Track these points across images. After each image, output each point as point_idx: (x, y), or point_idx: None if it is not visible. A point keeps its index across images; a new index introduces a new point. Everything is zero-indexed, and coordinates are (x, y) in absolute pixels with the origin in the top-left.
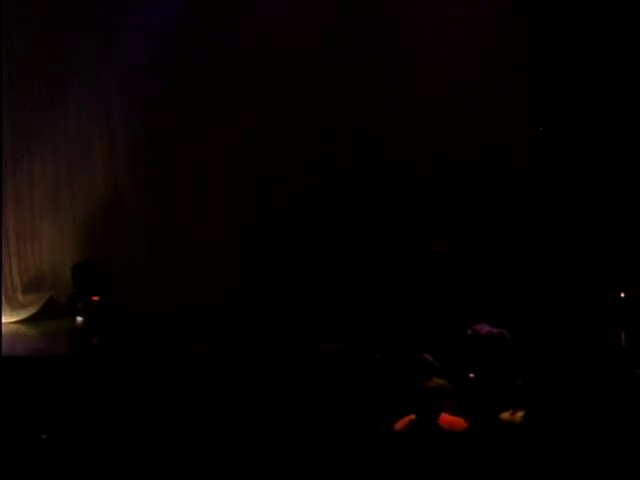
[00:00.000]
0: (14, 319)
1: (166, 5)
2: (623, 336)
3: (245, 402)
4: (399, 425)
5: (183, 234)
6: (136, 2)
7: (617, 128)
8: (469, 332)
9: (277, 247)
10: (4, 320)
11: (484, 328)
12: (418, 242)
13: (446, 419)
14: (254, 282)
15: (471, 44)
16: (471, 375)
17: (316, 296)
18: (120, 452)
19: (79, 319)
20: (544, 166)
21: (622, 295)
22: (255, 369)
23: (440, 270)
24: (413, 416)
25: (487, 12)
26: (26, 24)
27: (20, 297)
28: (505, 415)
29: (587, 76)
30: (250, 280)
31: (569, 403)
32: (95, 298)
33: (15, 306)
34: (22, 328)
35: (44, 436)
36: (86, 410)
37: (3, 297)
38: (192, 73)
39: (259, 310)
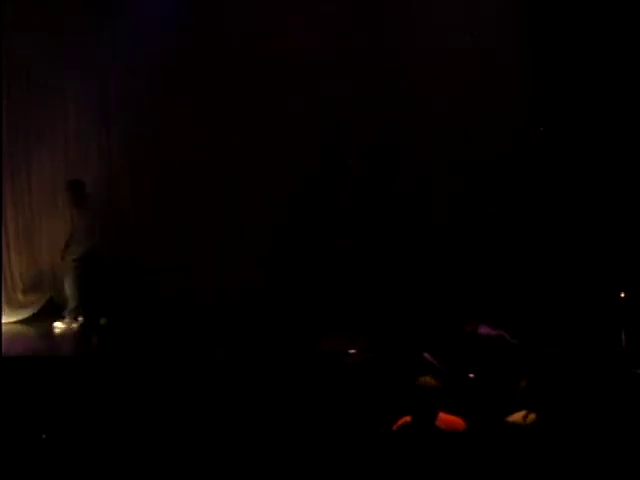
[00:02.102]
0: (14, 319)
1: (166, 5)
2: (623, 336)
3: (246, 402)
4: (396, 425)
5: (184, 233)
6: (136, 2)
7: (617, 128)
8: (469, 333)
9: (279, 247)
10: (4, 320)
11: (484, 329)
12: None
13: (445, 419)
14: (255, 282)
15: (471, 44)
16: (471, 375)
17: (320, 295)
18: (120, 452)
19: (79, 319)
20: (544, 166)
21: (622, 295)
22: (255, 369)
23: (440, 270)
24: (408, 418)
25: (487, 12)
26: (26, 24)
27: (20, 297)
28: (517, 417)
29: (587, 76)
30: (251, 280)
31: (572, 404)
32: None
33: (15, 306)
34: (22, 328)
35: (44, 436)
36: (86, 410)
37: (3, 297)
38: (192, 73)
39: (259, 310)
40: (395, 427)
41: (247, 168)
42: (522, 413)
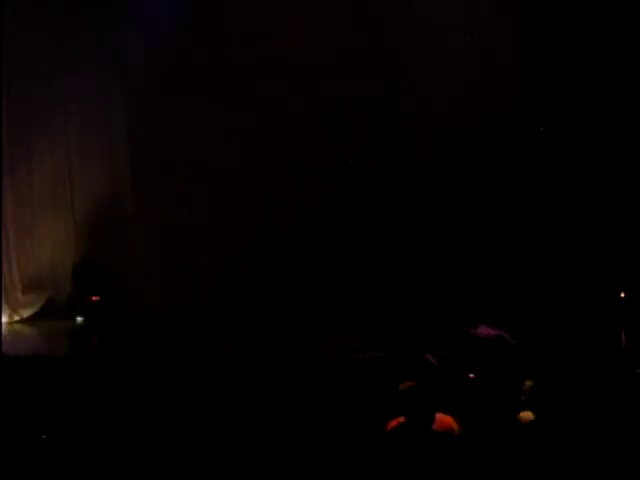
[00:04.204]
0: (14, 319)
1: (166, 5)
2: (623, 336)
3: (244, 403)
4: (390, 425)
5: (184, 234)
6: (136, 2)
7: (617, 128)
8: (470, 333)
9: (279, 246)
10: (4, 320)
11: (484, 330)
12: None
13: (439, 419)
14: (254, 281)
15: (471, 44)
16: (471, 375)
17: (321, 295)
18: (120, 452)
19: (79, 319)
20: (544, 166)
21: (622, 295)
22: (253, 370)
23: (441, 270)
24: (402, 418)
25: (487, 12)
26: (26, 24)
27: (20, 297)
28: (524, 417)
29: (587, 76)
30: (250, 279)
31: (572, 404)
32: (95, 298)
33: (15, 306)
34: (22, 328)
35: (44, 436)
36: (86, 410)
37: (3, 297)
38: (192, 73)
39: (259, 309)
40: (389, 427)
41: (247, 168)
42: (528, 413)
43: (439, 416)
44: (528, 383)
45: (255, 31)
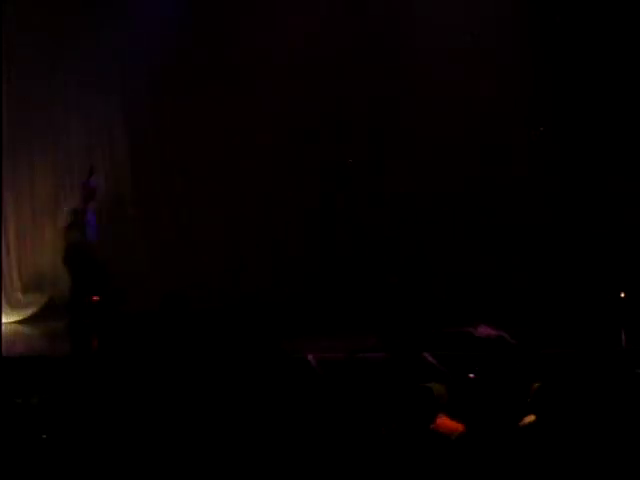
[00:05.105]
0: (14, 319)
1: (166, 5)
2: (623, 336)
3: (245, 402)
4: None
5: (184, 234)
6: (136, 2)
7: (617, 128)
8: (470, 333)
9: (279, 246)
10: (4, 320)
11: (484, 330)
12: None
13: (444, 423)
14: (255, 281)
15: (471, 44)
16: (471, 375)
17: (321, 295)
18: (120, 452)
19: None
20: (543, 166)
21: (622, 295)
22: (255, 369)
23: (441, 270)
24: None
25: (487, 12)
26: (26, 24)
27: (20, 297)
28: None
29: (587, 76)
30: (251, 279)
31: (572, 404)
32: (95, 298)
33: (15, 306)
34: (22, 328)
35: (44, 436)
36: (86, 410)
37: (3, 297)
38: (192, 73)
39: (258, 309)
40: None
41: (247, 168)
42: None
43: (442, 419)
44: (536, 385)
45: (255, 31)
